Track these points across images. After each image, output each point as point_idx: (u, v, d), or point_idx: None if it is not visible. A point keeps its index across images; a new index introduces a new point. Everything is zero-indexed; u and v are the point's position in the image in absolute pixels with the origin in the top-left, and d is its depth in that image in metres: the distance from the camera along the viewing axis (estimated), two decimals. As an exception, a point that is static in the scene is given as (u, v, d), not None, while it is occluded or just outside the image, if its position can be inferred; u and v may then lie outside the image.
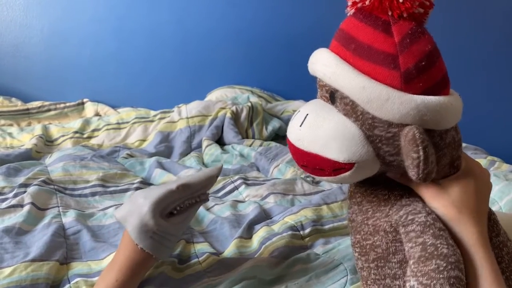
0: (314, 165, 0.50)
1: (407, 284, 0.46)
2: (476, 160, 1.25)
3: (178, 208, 0.67)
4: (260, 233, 0.87)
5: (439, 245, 0.46)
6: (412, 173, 0.46)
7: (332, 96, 0.50)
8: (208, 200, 0.72)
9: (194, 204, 0.69)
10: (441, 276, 0.44)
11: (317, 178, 0.53)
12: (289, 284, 0.71)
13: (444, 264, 0.45)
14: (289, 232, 0.85)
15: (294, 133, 0.52)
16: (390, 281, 0.52)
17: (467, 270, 0.48)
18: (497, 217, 0.58)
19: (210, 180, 0.69)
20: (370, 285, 0.54)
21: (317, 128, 0.49)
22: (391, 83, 0.46)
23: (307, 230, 0.87)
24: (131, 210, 0.65)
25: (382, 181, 0.53)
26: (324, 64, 0.50)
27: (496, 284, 0.47)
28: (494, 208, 0.94)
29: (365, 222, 0.54)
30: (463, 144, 1.40)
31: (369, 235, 0.53)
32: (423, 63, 0.46)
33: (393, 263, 0.51)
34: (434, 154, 0.46)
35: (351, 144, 0.47)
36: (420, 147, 0.44)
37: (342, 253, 0.79)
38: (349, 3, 0.50)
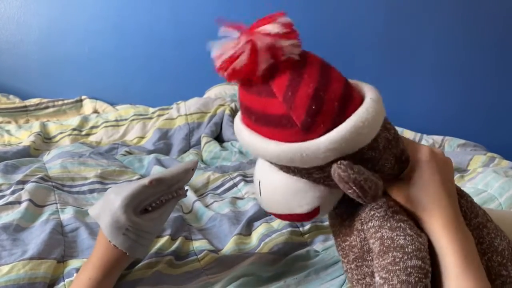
0: (292, 220, 0.55)
1: (374, 280, 0.47)
2: (475, 156, 1.24)
3: (154, 205, 0.65)
4: (259, 229, 0.87)
5: (395, 237, 0.46)
6: (360, 201, 0.46)
7: None
8: (186, 196, 0.71)
9: (170, 200, 0.67)
10: (397, 267, 0.44)
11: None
12: (288, 280, 0.71)
13: (400, 255, 0.45)
14: (289, 229, 0.85)
15: (260, 202, 0.56)
16: (370, 279, 0.52)
17: (435, 259, 0.47)
18: (495, 215, 0.57)
19: (185, 174, 0.67)
20: (355, 286, 0.54)
21: (272, 193, 0.53)
22: (295, 139, 0.45)
23: (307, 227, 0.87)
24: (104, 207, 0.64)
25: None
26: (242, 139, 0.50)
27: (463, 271, 0.46)
28: (494, 205, 0.94)
29: (342, 223, 0.55)
30: (462, 141, 1.41)
31: (346, 236, 0.54)
32: (313, 106, 0.44)
33: (369, 261, 0.51)
34: (370, 175, 0.45)
35: (305, 196, 0.50)
36: (350, 184, 0.44)
37: (342, 250, 0.78)
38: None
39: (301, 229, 0.87)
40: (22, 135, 1.46)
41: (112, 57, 1.86)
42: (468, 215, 0.53)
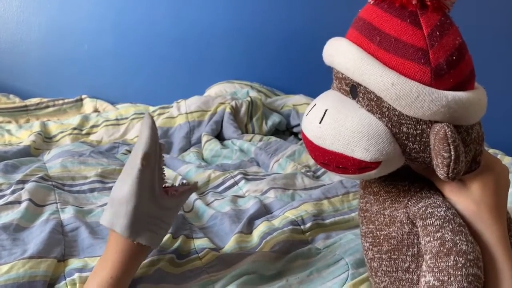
0: (337, 163, 0.48)
1: (422, 279, 0.45)
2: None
3: (167, 183, 0.67)
4: (260, 228, 0.86)
5: (458, 241, 0.44)
6: (441, 172, 0.44)
7: (354, 90, 0.47)
8: (198, 188, 0.72)
9: (186, 191, 0.69)
10: (459, 273, 0.43)
11: (338, 175, 0.50)
12: (289, 278, 0.71)
13: (463, 261, 0.43)
14: (290, 227, 0.84)
15: (313, 130, 0.49)
16: (403, 274, 0.50)
17: (487, 269, 0.46)
18: None
19: (152, 130, 0.65)
20: (380, 276, 0.53)
21: (339, 125, 0.46)
22: (420, 79, 0.43)
23: (308, 225, 0.86)
24: (116, 213, 0.63)
25: (403, 173, 0.51)
26: (347, 57, 0.47)
27: None
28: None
29: (381, 212, 0.52)
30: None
31: (384, 226, 0.51)
32: (454, 57, 0.43)
33: (408, 256, 0.50)
34: (464, 152, 0.45)
35: (377, 143, 0.45)
36: (451, 146, 0.43)
37: (344, 248, 0.78)
38: None
39: (302, 227, 0.86)
40: (23, 134, 1.46)
41: (112, 55, 1.86)
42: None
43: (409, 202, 0.49)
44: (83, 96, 1.78)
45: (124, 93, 1.85)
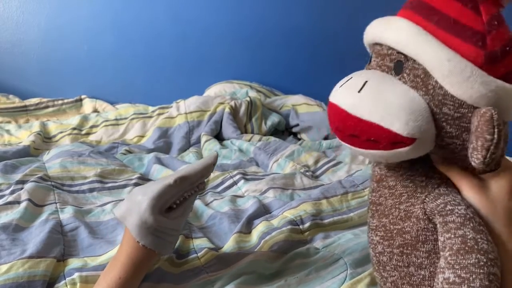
0: (368, 135, 0.46)
1: (441, 276, 0.44)
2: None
3: (178, 202, 0.66)
4: (259, 227, 0.86)
5: (479, 239, 0.44)
6: (478, 156, 0.44)
7: (399, 66, 0.47)
8: (205, 188, 0.71)
9: (192, 195, 0.68)
10: (481, 271, 0.43)
11: (363, 151, 0.48)
12: (288, 278, 0.71)
13: (485, 260, 0.43)
14: (289, 227, 0.84)
15: (350, 99, 0.47)
16: (414, 269, 0.50)
17: (502, 270, 0.46)
18: None
19: (207, 169, 0.67)
20: (389, 271, 0.52)
21: (381, 96, 0.45)
22: (474, 61, 0.43)
23: (307, 225, 0.87)
24: (130, 208, 0.64)
25: (420, 167, 0.50)
26: (401, 30, 0.46)
27: None
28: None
29: (397, 206, 0.51)
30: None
31: (399, 220, 0.51)
32: (508, 48, 0.44)
33: (421, 252, 0.49)
34: (505, 140, 0.45)
35: (417, 118, 0.44)
36: (496, 129, 0.42)
37: (342, 248, 0.78)
38: None
39: (301, 226, 0.86)
40: (22, 134, 1.46)
41: (112, 56, 1.86)
42: None
43: (426, 198, 0.49)
44: (82, 96, 1.78)
45: (124, 93, 1.85)
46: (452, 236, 0.45)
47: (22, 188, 0.96)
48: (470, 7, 0.45)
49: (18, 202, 0.91)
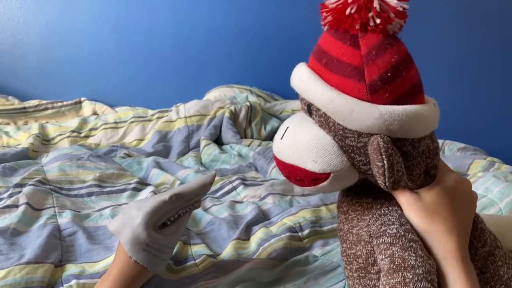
0: (295, 175, 0.52)
1: None
2: (475, 161, 1.24)
3: (172, 219, 0.65)
4: (258, 234, 0.86)
5: (406, 257, 0.46)
6: (379, 181, 0.47)
7: (309, 109, 0.52)
8: (199, 207, 0.71)
9: (186, 212, 0.67)
10: None
11: (298, 188, 0.55)
12: (287, 286, 0.71)
13: (410, 276, 0.45)
14: (288, 234, 0.84)
15: (276, 145, 0.54)
16: None
17: (440, 284, 0.47)
18: (496, 221, 0.57)
19: (204, 188, 0.67)
20: None
21: (295, 140, 0.51)
22: (357, 95, 0.46)
23: (306, 232, 0.86)
24: (124, 223, 0.63)
25: (367, 189, 0.53)
26: (299, 78, 0.51)
27: None
28: (493, 210, 0.94)
29: (350, 231, 0.54)
30: (463, 145, 1.40)
31: (352, 244, 0.53)
32: (389, 74, 0.46)
33: (373, 274, 0.51)
34: (402, 162, 0.47)
35: (325, 155, 0.49)
36: (383, 156, 0.45)
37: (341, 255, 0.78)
38: (322, 20, 0.51)
39: (299, 234, 0.86)
40: (21, 136, 1.45)
41: (112, 58, 1.86)
42: (475, 244, 0.53)
43: (370, 221, 0.51)
44: (82, 99, 1.78)
45: (123, 96, 1.85)
46: (384, 257, 0.48)
47: (20, 192, 0.96)
48: (350, 44, 0.48)
49: (16, 206, 0.90)
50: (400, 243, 0.47)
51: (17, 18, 1.80)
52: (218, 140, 1.52)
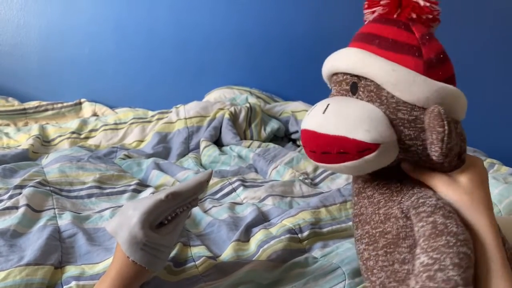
0: (338, 148, 0.51)
1: (417, 262, 0.47)
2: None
3: (169, 218, 0.65)
4: (258, 236, 0.86)
5: (449, 224, 0.48)
6: (436, 148, 0.49)
7: (354, 86, 0.54)
8: (197, 205, 0.71)
9: (184, 211, 0.67)
10: (451, 250, 0.46)
11: (337, 166, 0.53)
12: (286, 287, 0.71)
13: (454, 240, 0.46)
14: (287, 235, 0.84)
15: (316, 120, 0.53)
16: (399, 266, 0.53)
17: (479, 255, 0.49)
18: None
19: (200, 186, 0.67)
20: (376, 273, 0.55)
21: (342, 112, 0.52)
22: (415, 69, 0.50)
23: (305, 233, 0.86)
24: (121, 223, 0.63)
25: (394, 175, 0.56)
26: (349, 56, 0.54)
27: (506, 273, 0.49)
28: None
29: (376, 212, 0.56)
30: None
31: (379, 223, 0.55)
32: (441, 56, 0.52)
33: (403, 248, 0.53)
34: (455, 131, 0.50)
35: (377, 125, 0.50)
36: (445, 122, 0.48)
37: (341, 257, 0.78)
38: (367, 10, 0.57)
39: (299, 235, 0.86)
40: (21, 138, 1.45)
41: (112, 59, 1.86)
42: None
43: (402, 199, 0.54)
44: (82, 100, 1.78)
45: (123, 97, 1.85)
46: (424, 224, 0.49)
47: (20, 193, 0.96)
48: (404, 28, 0.53)
49: (16, 207, 0.90)
50: (441, 212, 0.49)
51: (17, 19, 1.80)
52: (218, 142, 1.52)
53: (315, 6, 1.88)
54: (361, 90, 0.53)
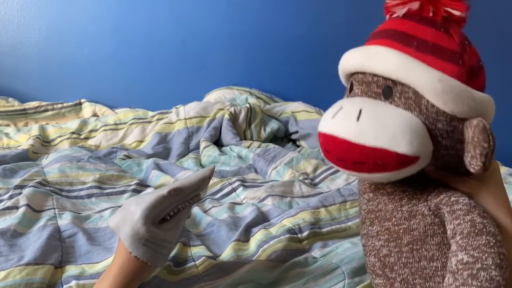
0: (375, 160, 0.48)
1: (454, 259, 0.47)
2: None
3: (171, 213, 0.66)
4: (257, 236, 0.86)
5: (487, 223, 0.47)
6: (478, 163, 0.47)
7: (388, 91, 0.50)
8: (199, 200, 0.70)
9: (186, 207, 0.68)
10: (492, 250, 0.46)
11: (369, 176, 0.50)
12: (286, 287, 0.71)
13: (494, 241, 0.46)
14: (287, 235, 0.84)
15: (350, 127, 0.48)
16: (426, 263, 0.52)
17: (509, 255, 0.49)
18: None
19: (203, 182, 0.67)
20: (397, 270, 0.54)
21: (381, 121, 0.47)
22: (459, 78, 0.47)
23: (305, 233, 0.87)
24: (123, 218, 0.63)
25: (417, 174, 0.52)
26: (388, 58, 0.49)
27: None
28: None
29: (398, 209, 0.54)
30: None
31: (403, 220, 0.53)
32: (480, 63, 0.50)
33: (431, 245, 0.52)
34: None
35: (419, 137, 0.47)
36: (490, 137, 0.47)
37: (340, 257, 0.78)
38: (394, 6, 0.52)
39: (299, 235, 0.86)
40: (21, 138, 1.46)
41: (112, 60, 1.86)
42: None
43: (428, 196, 0.52)
44: (82, 100, 1.78)
45: (123, 97, 1.86)
46: (462, 221, 0.48)
47: (20, 193, 0.96)
48: (443, 31, 0.49)
49: (17, 207, 0.91)
50: (477, 211, 0.48)
51: (17, 20, 1.80)
52: (217, 142, 1.53)
53: (315, 6, 1.88)
54: (397, 95, 0.49)
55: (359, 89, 0.53)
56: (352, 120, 0.48)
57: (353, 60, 0.53)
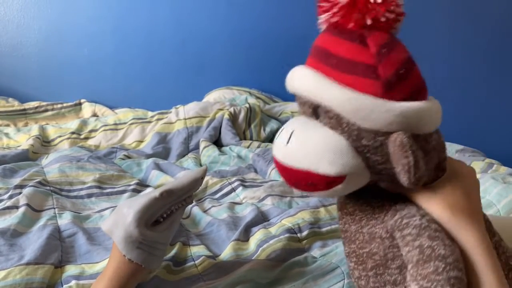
0: (305, 181, 0.49)
1: None
2: (474, 162, 1.25)
3: (164, 215, 0.65)
4: (257, 235, 0.86)
5: (435, 246, 0.46)
6: (404, 179, 0.46)
7: (315, 111, 0.50)
8: (192, 202, 0.70)
9: (179, 208, 0.68)
10: (441, 277, 0.44)
11: (310, 194, 0.51)
12: (286, 287, 0.71)
13: (443, 265, 0.44)
14: (287, 235, 0.85)
15: (280, 151, 0.51)
16: (391, 287, 0.51)
17: (469, 272, 0.47)
18: (493, 221, 0.58)
19: (195, 183, 0.67)
20: None
21: (304, 143, 0.49)
22: (373, 92, 0.46)
23: (305, 233, 0.87)
24: (116, 221, 0.63)
25: (375, 189, 0.52)
26: (305, 81, 0.50)
27: None
28: (492, 211, 0.94)
29: (360, 230, 0.53)
30: (461, 147, 1.41)
31: (365, 243, 0.53)
32: (402, 70, 0.46)
33: (393, 269, 0.51)
34: (423, 158, 0.47)
35: (341, 157, 0.47)
36: (409, 152, 0.45)
37: (340, 256, 0.78)
38: (321, 19, 0.50)
39: (298, 235, 0.86)
40: (21, 138, 1.46)
41: (112, 60, 1.87)
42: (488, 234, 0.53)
43: (385, 217, 0.51)
44: (82, 100, 1.79)
45: (123, 98, 1.86)
46: (411, 248, 0.47)
47: (20, 193, 0.96)
48: (358, 42, 0.47)
49: (17, 207, 0.91)
50: (427, 233, 0.47)
51: (17, 20, 1.80)
52: (217, 142, 1.53)
53: (315, 6, 1.88)
54: (322, 115, 0.49)
55: (300, 109, 0.54)
56: (283, 144, 0.50)
57: (287, 83, 0.53)
